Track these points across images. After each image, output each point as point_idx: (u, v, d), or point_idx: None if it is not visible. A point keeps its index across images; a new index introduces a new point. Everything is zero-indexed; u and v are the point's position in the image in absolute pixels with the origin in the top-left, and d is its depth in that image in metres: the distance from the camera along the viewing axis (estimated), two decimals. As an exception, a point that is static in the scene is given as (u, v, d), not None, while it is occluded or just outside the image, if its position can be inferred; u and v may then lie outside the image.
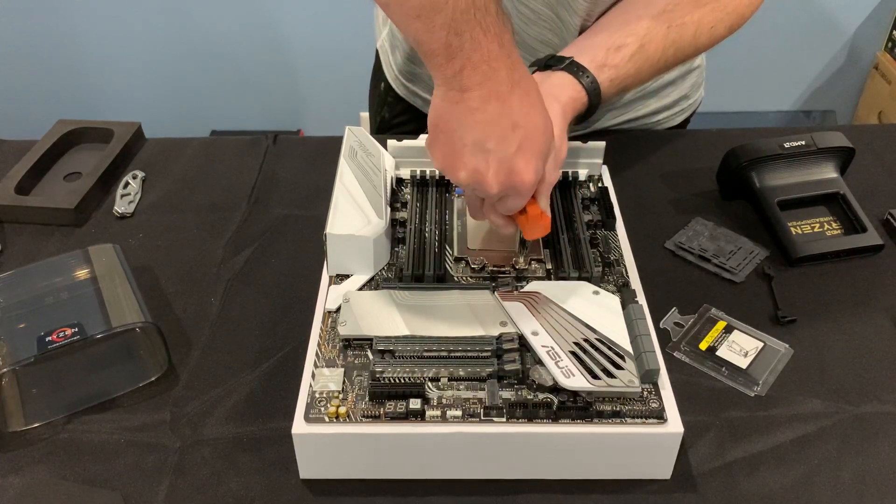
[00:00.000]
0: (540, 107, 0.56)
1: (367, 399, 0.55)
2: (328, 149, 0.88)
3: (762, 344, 0.66)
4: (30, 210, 0.81)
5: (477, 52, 0.52)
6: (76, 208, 0.80)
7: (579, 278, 0.64)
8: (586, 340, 0.57)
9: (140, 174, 0.87)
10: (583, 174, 0.77)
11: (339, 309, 0.61)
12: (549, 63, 0.69)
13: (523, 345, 0.58)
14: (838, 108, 2.20)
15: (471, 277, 0.66)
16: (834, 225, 0.78)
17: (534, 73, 0.70)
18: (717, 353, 0.65)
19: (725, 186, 0.83)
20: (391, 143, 0.76)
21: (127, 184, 0.85)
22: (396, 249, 0.68)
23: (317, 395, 0.55)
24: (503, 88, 0.54)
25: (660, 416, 0.54)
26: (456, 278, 0.65)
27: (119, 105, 2.13)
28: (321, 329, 0.61)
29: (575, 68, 0.67)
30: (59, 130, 0.90)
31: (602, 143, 0.76)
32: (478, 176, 0.55)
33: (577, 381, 0.54)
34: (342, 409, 0.54)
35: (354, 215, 0.66)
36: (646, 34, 0.69)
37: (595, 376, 0.55)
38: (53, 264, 0.69)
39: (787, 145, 0.79)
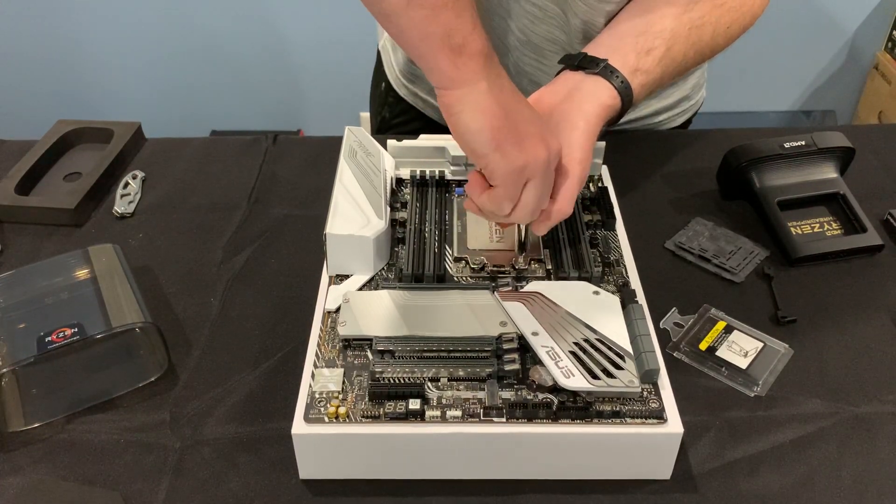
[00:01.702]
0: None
1: (366, 399, 0.55)
2: (328, 149, 0.88)
3: (762, 344, 0.66)
4: (30, 210, 0.81)
5: (480, 28, 0.53)
6: (76, 208, 0.80)
7: (579, 278, 0.64)
8: (586, 340, 0.57)
9: (140, 174, 0.87)
10: (583, 174, 0.77)
11: (338, 309, 0.61)
12: (582, 64, 0.67)
13: (523, 345, 0.58)
14: (838, 108, 2.20)
15: (471, 277, 0.65)
16: (834, 225, 0.78)
17: (562, 70, 0.69)
18: (717, 353, 0.65)
19: (725, 186, 0.83)
20: (391, 143, 0.76)
21: (127, 184, 0.85)
22: (396, 249, 0.68)
23: (316, 396, 0.55)
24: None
25: (660, 416, 0.54)
26: (456, 278, 0.65)
27: (119, 105, 2.13)
28: (321, 329, 0.61)
29: (609, 72, 0.66)
30: (59, 130, 0.90)
31: (602, 143, 0.76)
32: (549, 141, 0.56)
33: (576, 381, 0.54)
34: (342, 410, 0.54)
35: (354, 215, 0.66)
36: (671, 36, 0.69)
37: (595, 376, 0.55)
38: (53, 264, 0.69)
39: (787, 145, 0.79)
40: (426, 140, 0.77)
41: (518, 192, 0.56)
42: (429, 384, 0.56)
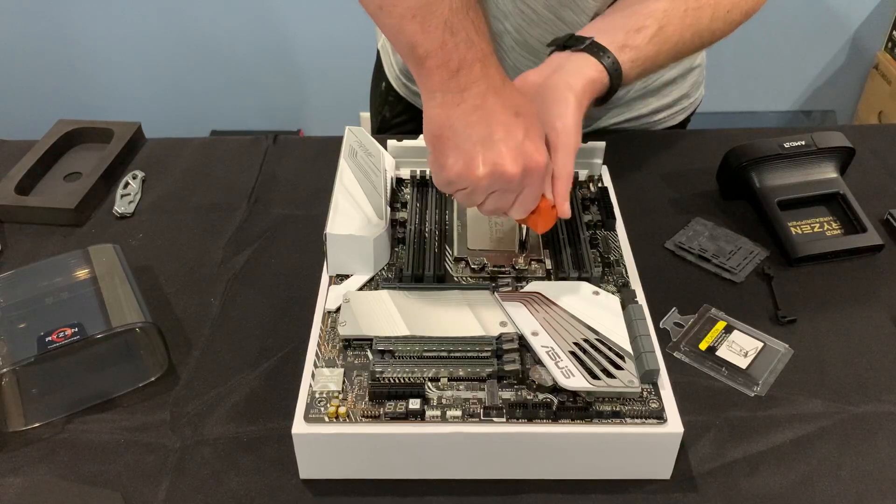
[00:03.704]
0: (527, 97, 0.58)
1: (366, 399, 0.55)
2: (328, 149, 0.89)
3: (762, 344, 0.66)
4: (30, 210, 0.81)
5: (471, 51, 0.54)
6: (76, 208, 0.80)
7: (579, 278, 0.64)
8: (586, 341, 0.57)
9: (140, 174, 0.87)
10: (583, 174, 0.77)
11: (339, 309, 0.61)
12: (568, 43, 0.68)
13: (523, 345, 0.58)
14: (838, 108, 2.20)
15: (471, 277, 0.65)
16: (834, 225, 0.78)
17: (552, 52, 0.69)
18: (717, 353, 0.65)
19: (725, 186, 0.83)
20: (391, 143, 0.76)
21: (127, 184, 0.85)
22: (396, 249, 0.68)
23: (317, 395, 0.55)
24: (498, 83, 0.55)
25: (659, 416, 0.54)
26: (456, 278, 0.65)
27: (119, 105, 2.13)
28: (321, 329, 0.61)
29: (595, 49, 0.66)
30: (59, 130, 0.90)
31: (602, 143, 0.76)
32: (497, 168, 0.55)
33: (576, 381, 0.54)
34: (342, 409, 0.54)
35: (354, 215, 0.66)
36: (664, 16, 0.69)
37: (595, 376, 0.55)
38: (53, 264, 0.69)
39: (787, 145, 0.79)
40: (426, 140, 0.77)
41: (448, 191, 0.59)
42: (429, 384, 0.56)
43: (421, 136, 0.77)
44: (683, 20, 0.70)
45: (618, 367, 0.55)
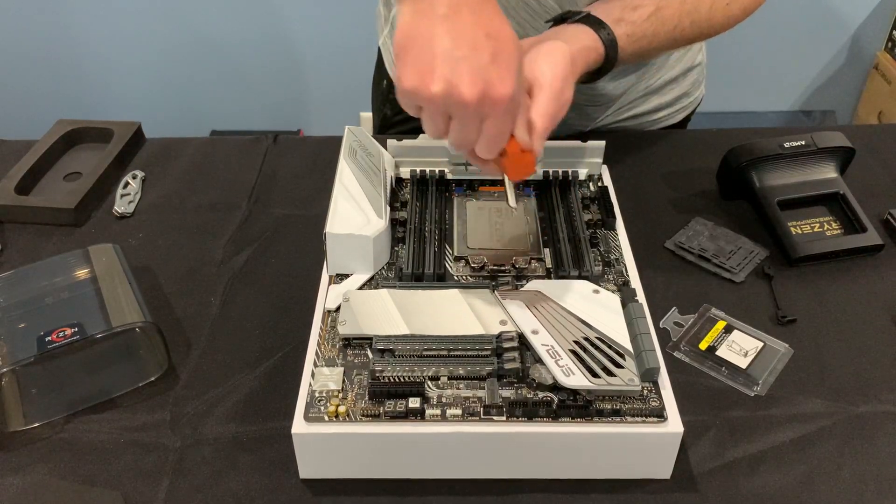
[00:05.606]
0: (508, 23, 0.54)
1: (366, 398, 0.55)
2: (328, 149, 0.88)
3: (762, 344, 0.66)
4: (30, 210, 0.81)
5: None
6: (76, 208, 0.80)
7: (579, 277, 0.64)
8: (586, 339, 0.57)
9: (140, 174, 0.87)
10: (583, 174, 0.77)
11: (338, 308, 0.61)
12: (564, 17, 0.68)
13: (523, 343, 0.58)
14: (838, 108, 2.20)
15: (471, 276, 0.66)
16: (834, 225, 0.78)
17: (550, 27, 0.69)
18: (717, 352, 0.65)
19: (725, 186, 0.83)
20: (391, 142, 0.76)
21: (127, 184, 0.85)
22: (396, 249, 0.68)
23: (316, 395, 0.55)
24: (474, 1, 0.52)
25: (660, 414, 0.54)
26: (456, 277, 0.65)
27: (119, 105, 2.13)
28: (321, 328, 0.61)
29: (591, 20, 0.66)
30: (59, 130, 0.90)
31: (602, 143, 0.76)
32: (451, 88, 0.50)
33: (576, 379, 0.54)
34: (342, 409, 0.54)
35: (354, 215, 0.66)
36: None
37: (595, 375, 0.55)
38: (53, 264, 0.69)
39: (787, 145, 0.79)
40: (426, 139, 0.77)
41: (413, 112, 0.54)
42: (429, 383, 0.56)
43: (421, 136, 0.77)
44: (682, 5, 0.70)
45: (618, 366, 0.55)
